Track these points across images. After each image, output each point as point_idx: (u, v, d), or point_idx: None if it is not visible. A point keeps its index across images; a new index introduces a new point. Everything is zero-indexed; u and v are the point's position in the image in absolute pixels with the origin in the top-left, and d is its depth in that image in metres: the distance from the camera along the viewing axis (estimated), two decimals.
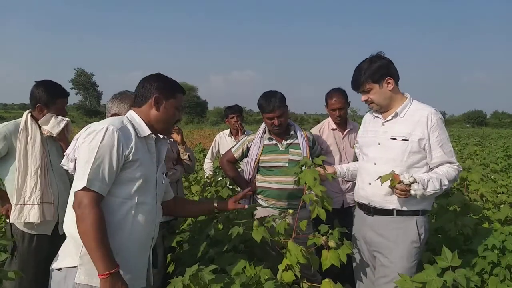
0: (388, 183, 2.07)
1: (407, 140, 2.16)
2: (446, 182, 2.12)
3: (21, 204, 2.43)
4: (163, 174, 1.90)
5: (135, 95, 1.84)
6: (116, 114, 2.24)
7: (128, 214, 1.67)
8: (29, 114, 2.56)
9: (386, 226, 2.24)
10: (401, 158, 2.17)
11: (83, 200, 1.54)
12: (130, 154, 1.65)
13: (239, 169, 3.59)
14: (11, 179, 2.48)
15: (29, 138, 2.48)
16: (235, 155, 3.00)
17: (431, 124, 2.14)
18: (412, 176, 2.04)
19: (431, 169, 2.20)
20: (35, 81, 2.63)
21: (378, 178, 2.10)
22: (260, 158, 2.86)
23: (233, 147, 3.07)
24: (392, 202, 2.20)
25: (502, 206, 3.35)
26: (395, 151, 2.19)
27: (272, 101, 2.75)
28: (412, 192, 2.02)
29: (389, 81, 2.20)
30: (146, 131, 1.76)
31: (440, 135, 2.15)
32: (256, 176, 2.92)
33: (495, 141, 18.29)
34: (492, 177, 4.62)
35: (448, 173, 2.14)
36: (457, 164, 2.19)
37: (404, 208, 2.19)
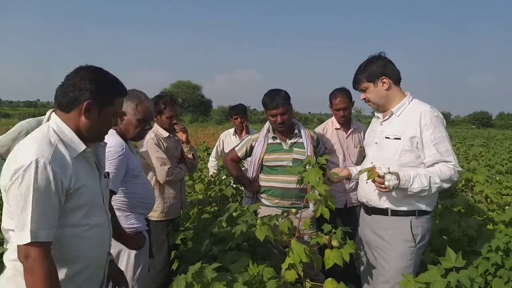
0: (366, 176, 2.10)
1: (399, 138, 2.17)
2: (438, 181, 2.08)
3: None
4: (106, 177, 1.70)
5: (62, 91, 1.49)
6: (123, 113, 2.26)
7: (82, 242, 1.49)
8: (52, 113, 2.65)
9: (381, 226, 2.25)
10: (394, 157, 2.18)
11: (31, 253, 1.32)
12: (72, 185, 1.41)
13: (242, 168, 3.59)
14: None
15: None
16: (239, 154, 3.00)
17: (424, 122, 2.11)
18: (388, 168, 2.04)
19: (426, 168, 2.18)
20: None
21: (358, 172, 2.13)
22: (264, 157, 2.86)
23: (236, 145, 3.07)
24: (386, 201, 2.20)
25: (507, 207, 3.33)
26: (389, 150, 2.21)
27: (276, 98, 2.77)
28: (386, 183, 2.02)
29: (384, 80, 2.22)
30: (80, 146, 1.48)
31: (434, 133, 2.10)
32: (259, 175, 2.92)
33: (501, 143, 18.18)
34: (497, 178, 4.59)
35: (441, 171, 2.09)
36: (454, 163, 2.12)
37: (399, 208, 2.18)
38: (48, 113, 2.69)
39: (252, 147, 2.94)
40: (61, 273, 1.44)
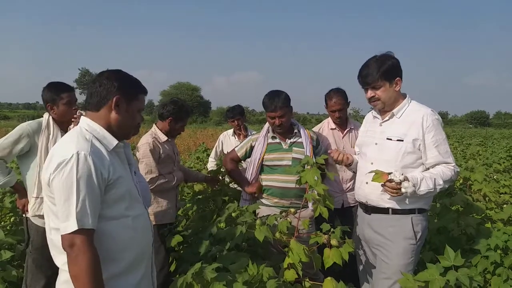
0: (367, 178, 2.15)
1: (402, 140, 2.19)
2: (441, 182, 2.14)
3: (41, 197, 2.56)
4: (135, 174, 1.77)
5: (90, 93, 1.58)
6: None
7: (130, 232, 1.56)
8: (49, 115, 2.74)
9: (382, 224, 2.27)
10: (396, 158, 2.20)
11: (76, 242, 1.38)
12: (110, 175, 1.49)
13: (240, 168, 3.59)
14: (31, 174, 2.64)
15: (50, 136, 2.65)
16: (239, 154, 3.01)
17: (426, 125, 2.15)
18: (402, 174, 2.08)
19: (427, 169, 2.21)
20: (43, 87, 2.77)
21: (372, 178, 2.14)
22: (264, 156, 2.86)
23: (237, 146, 3.08)
24: (388, 201, 2.22)
25: (505, 206, 3.35)
26: (390, 152, 2.23)
27: (275, 101, 2.76)
28: (403, 190, 2.06)
29: (398, 82, 2.23)
30: (112, 142, 1.57)
31: (435, 136, 2.15)
32: (259, 175, 2.91)
33: (498, 142, 18.21)
34: (494, 177, 4.61)
35: (443, 173, 2.15)
36: (454, 164, 2.19)
37: (400, 207, 2.22)
38: (46, 116, 2.72)
39: (252, 148, 2.94)
40: (113, 266, 1.50)
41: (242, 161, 3.63)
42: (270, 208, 2.81)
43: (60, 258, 1.49)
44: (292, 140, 2.88)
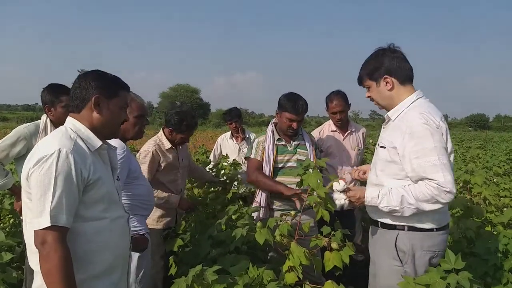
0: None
1: (384, 147, 1.95)
2: (412, 201, 1.80)
3: None
4: (117, 179, 1.76)
5: (71, 97, 1.59)
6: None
7: (107, 234, 1.55)
8: (47, 117, 2.72)
9: (373, 238, 2.11)
10: (380, 166, 1.98)
11: (47, 239, 1.35)
12: (90, 175, 1.48)
13: (240, 170, 3.58)
14: None
15: None
16: (260, 159, 2.86)
17: (408, 131, 1.83)
18: (344, 184, 2.01)
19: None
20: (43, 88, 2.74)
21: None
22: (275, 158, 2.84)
23: (250, 153, 2.93)
24: (376, 212, 2.03)
25: (505, 209, 3.35)
26: (377, 159, 2.03)
27: (300, 104, 2.74)
28: (336, 201, 2.01)
29: (387, 80, 1.94)
30: (97, 142, 1.56)
31: (417, 145, 1.79)
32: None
33: (498, 145, 18.25)
34: (494, 180, 4.61)
35: (420, 191, 1.79)
36: (439, 181, 1.75)
37: (387, 220, 1.98)
38: (43, 118, 2.71)
39: (263, 148, 2.89)
40: (89, 268, 1.49)
41: (242, 163, 3.63)
42: (275, 210, 2.80)
43: (32, 258, 1.47)
44: (296, 142, 2.88)
